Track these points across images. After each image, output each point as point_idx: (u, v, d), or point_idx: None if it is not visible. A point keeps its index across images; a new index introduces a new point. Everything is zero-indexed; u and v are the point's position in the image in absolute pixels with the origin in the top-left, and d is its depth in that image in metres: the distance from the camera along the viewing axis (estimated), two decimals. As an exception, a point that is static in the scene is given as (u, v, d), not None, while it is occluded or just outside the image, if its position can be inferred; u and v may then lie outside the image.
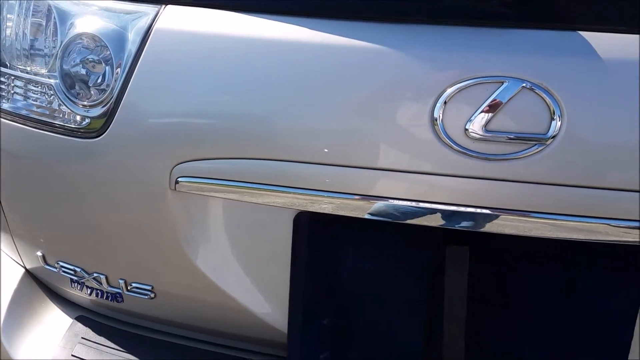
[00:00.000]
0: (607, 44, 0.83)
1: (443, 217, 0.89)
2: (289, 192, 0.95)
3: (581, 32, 0.83)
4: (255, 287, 1.06)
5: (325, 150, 0.90)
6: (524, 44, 0.84)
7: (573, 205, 0.86)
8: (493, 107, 0.83)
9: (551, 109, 0.83)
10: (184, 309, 1.12)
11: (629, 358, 0.96)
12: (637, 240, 0.87)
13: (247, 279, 1.06)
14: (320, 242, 1.00)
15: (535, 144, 0.84)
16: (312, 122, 0.90)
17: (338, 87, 0.89)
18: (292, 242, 1.01)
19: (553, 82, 0.82)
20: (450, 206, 0.89)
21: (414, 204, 0.90)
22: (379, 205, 0.91)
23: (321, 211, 0.95)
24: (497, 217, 0.88)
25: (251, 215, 1.02)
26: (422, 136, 0.87)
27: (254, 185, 0.96)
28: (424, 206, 0.90)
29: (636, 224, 0.86)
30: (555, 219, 0.87)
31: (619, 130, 0.83)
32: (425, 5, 0.87)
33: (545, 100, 0.83)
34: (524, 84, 0.83)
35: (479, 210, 0.88)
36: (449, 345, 0.95)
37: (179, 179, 0.99)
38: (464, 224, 0.89)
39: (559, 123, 0.83)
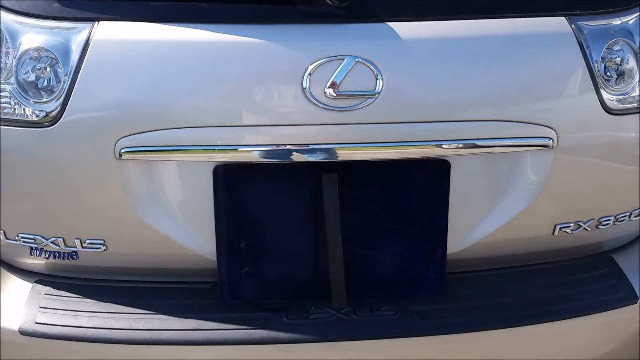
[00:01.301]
0: (407, 29, 1.30)
1: (317, 153, 1.32)
2: (204, 150, 1.32)
3: (389, 23, 1.29)
4: (190, 228, 1.40)
5: (234, 116, 1.29)
6: (355, 33, 1.29)
7: (399, 135, 1.33)
8: (339, 76, 1.27)
9: (375, 74, 1.28)
10: (132, 254, 1.44)
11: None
12: (441, 154, 1.36)
13: (184, 223, 1.40)
14: (234, 186, 1.38)
15: (369, 98, 1.29)
16: (224, 97, 1.28)
17: (241, 74, 1.27)
18: (213, 188, 1.38)
19: (375, 57, 1.28)
20: (321, 145, 1.32)
21: (296, 147, 1.32)
22: (273, 150, 1.32)
23: (232, 161, 1.34)
24: (351, 148, 1.32)
25: (180, 171, 1.37)
26: (298, 100, 1.29)
27: (178, 148, 1.32)
28: (303, 147, 1.32)
29: (438, 144, 1.34)
30: (388, 146, 1.33)
31: (418, 83, 1.31)
32: (290, 11, 1.29)
33: (371, 69, 1.28)
34: (357, 59, 1.27)
35: (340, 146, 1.32)
36: (331, 243, 1.38)
37: (122, 150, 1.32)
38: (331, 156, 1.32)
39: (381, 83, 1.29)
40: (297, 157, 1.33)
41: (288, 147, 1.32)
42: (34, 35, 1.29)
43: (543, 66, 1.36)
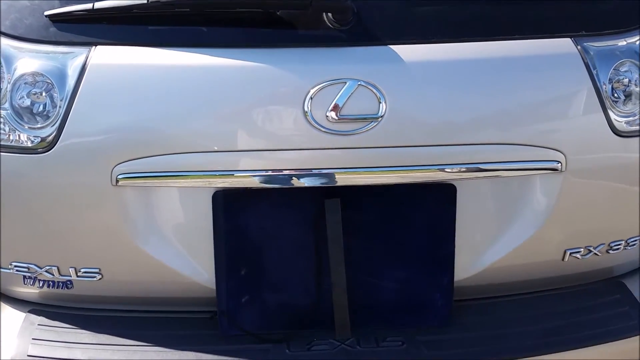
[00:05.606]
0: (410, 52, 1.27)
1: (319, 178, 1.29)
2: (203, 176, 1.29)
3: (391, 46, 1.27)
4: (189, 255, 1.36)
5: (234, 141, 1.26)
6: (357, 56, 1.27)
7: (403, 159, 1.30)
8: (341, 100, 1.25)
9: (378, 97, 1.25)
10: (128, 282, 1.40)
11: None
12: (446, 178, 1.32)
13: (182, 251, 1.36)
14: (234, 212, 1.34)
15: (372, 121, 1.26)
16: (224, 122, 1.25)
17: (241, 98, 1.25)
18: (212, 214, 1.34)
19: (378, 80, 1.25)
20: (323, 170, 1.28)
21: (298, 171, 1.28)
22: (274, 175, 1.28)
23: (232, 187, 1.30)
24: (355, 173, 1.29)
25: (179, 198, 1.34)
26: (299, 124, 1.26)
27: (176, 174, 1.29)
28: (305, 172, 1.28)
29: (443, 167, 1.31)
30: (392, 170, 1.30)
31: (422, 106, 1.28)
32: (291, 34, 1.27)
33: (374, 92, 1.25)
34: (359, 83, 1.25)
35: (342, 170, 1.28)
36: (334, 271, 1.34)
37: (119, 176, 1.28)
38: (334, 181, 1.29)
39: (384, 106, 1.26)
40: (298, 182, 1.30)
41: (289, 172, 1.29)
42: (29, 59, 1.27)
43: (550, 88, 1.33)
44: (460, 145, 1.31)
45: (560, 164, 1.34)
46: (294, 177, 1.29)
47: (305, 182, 1.29)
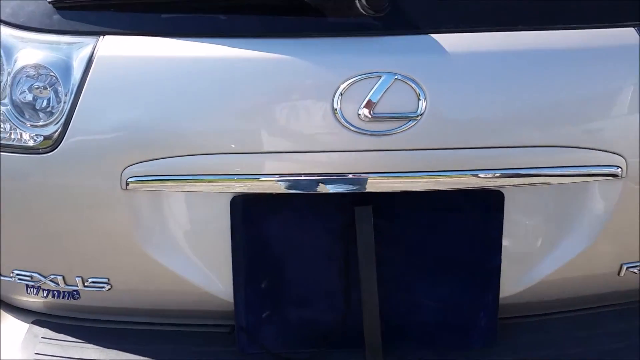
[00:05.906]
0: (453, 42, 1.13)
1: (349, 183, 1.15)
2: (221, 180, 1.17)
3: (432, 35, 1.13)
4: (204, 265, 1.25)
5: (255, 142, 1.13)
6: (394, 47, 1.13)
7: (443, 163, 1.16)
8: (376, 96, 1.11)
9: (417, 93, 1.12)
10: (139, 293, 1.28)
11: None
12: (492, 185, 1.18)
13: (196, 260, 1.25)
14: (254, 219, 1.22)
15: (409, 120, 1.13)
16: (244, 120, 1.13)
17: (263, 94, 1.13)
18: (230, 221, 1.22)
19: (417, 74, 1.11)
20: (354, 175, 1.15)
21: (325, 176, 1.15)
22: (298, 179, 1.15)
23: (252, 192, 1.18)
24: (389, 178, 1.16)
25: (194, 204, 1.22)
26: (328, 122, 1.13)
27: (191, 177, 1.17)
28: (333, 177, 1.15)
29: (489, 173, 1.17)
30: (431, 175, 1.16)
31: (467, 103, 1.14)
32: (318, 23, 1.13)
33: (412, 87, 1.12)
34: (396, 77, 1.11)
35: (376, 175, 1.15)
36: (365, 286, 1.20)
37: (129, 180, 1.17)
38: (365, 186, 1.15)
39: (424, 103, 1.12)
40: (326, 188, 1.17)
41: (316, 176, 1.16)
42: (31, 50, 1.16)
43: (610, 84, 1.18)
44: (508, 148, 1.16)
45: (620, 169, 1.19)
46: (321, 182, 1.16)
47: (333, 188, 1.16)
